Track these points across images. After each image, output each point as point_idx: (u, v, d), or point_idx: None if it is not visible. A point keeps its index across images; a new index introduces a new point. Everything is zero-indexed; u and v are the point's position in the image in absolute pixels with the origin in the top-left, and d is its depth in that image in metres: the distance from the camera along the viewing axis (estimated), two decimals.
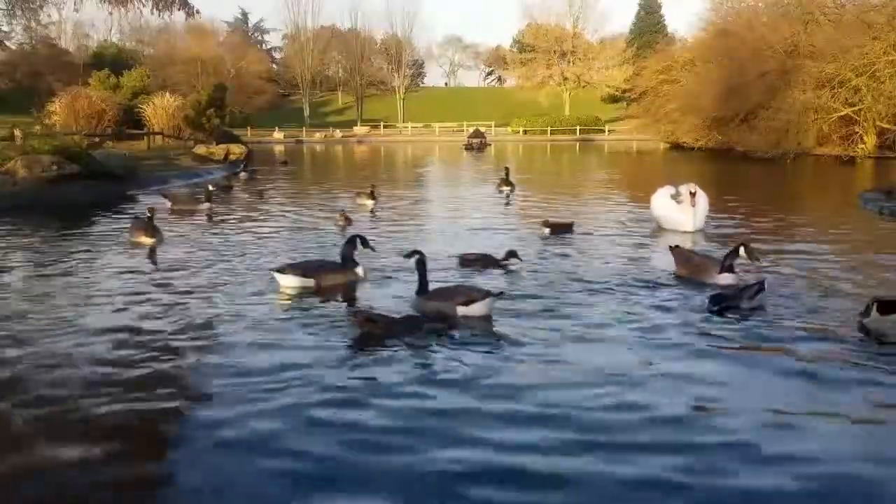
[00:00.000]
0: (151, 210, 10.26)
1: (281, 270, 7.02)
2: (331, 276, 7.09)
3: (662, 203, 10.76)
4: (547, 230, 10.09)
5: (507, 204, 14.76)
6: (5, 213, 12.90)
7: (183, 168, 24.03)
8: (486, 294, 5.80)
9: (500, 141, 62.12)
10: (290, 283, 6.91)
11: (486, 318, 5.75)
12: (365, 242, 7.33)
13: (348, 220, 11.25)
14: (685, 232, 10.18)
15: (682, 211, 10.40)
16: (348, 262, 7.23)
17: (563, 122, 72.63)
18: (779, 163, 28.33)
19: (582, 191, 19.36)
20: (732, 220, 11.86)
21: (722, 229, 10.75)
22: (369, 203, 13.81)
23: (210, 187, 14.41)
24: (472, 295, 5.83)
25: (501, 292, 6.03)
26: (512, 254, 7.81)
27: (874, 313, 5.30)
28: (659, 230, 10.64)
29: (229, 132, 33.03)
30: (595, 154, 42.76)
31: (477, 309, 5.73)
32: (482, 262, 7.88)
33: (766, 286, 6.25)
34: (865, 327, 5.38)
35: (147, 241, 9.68)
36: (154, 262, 8.53)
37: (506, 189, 16.33)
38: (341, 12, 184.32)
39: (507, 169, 17.46)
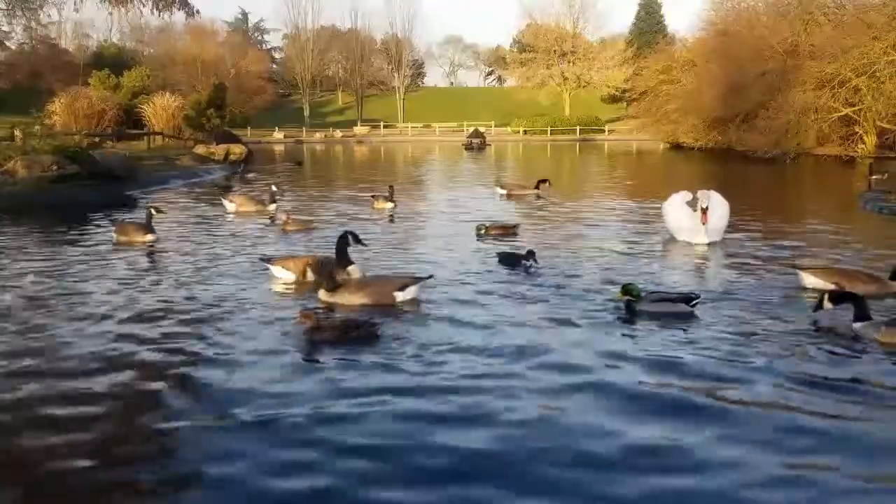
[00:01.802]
0: (157, 208, 10.36)
1: (268, 260, 7.45)
2: (317, 273, 7.06)
3: (676, 211, 9.68)
4: (482, 230, 10.15)
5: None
6: (5, 212, 12.91)
7: (183, 168, 24.02)
8: (416, 280, 6.48)
9: (500, 141, 62.14)
10: (279, 274, 7.25)
11: (416, 302, 6.31)
12: (357, 239, 7.32)
13: (301, 224, 10.86)
14: (698, 245, 9.26)
15: (695, 221, 9.34)
16: (342, 259, 7.22)
17: (563, 122, 72.59)
18: (779, 163, 28.33)
19: (591, 191, 19.33)
20: (731, 220, 11.82)
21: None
22: (388, 206, 13.41)
23: (273, 188, 13.97)
24: (405, 281, 6.45)
25: (430, 276, 6.71)
26: (531, 253, 7.87)
27: (826, 304, 5.54)
28: (672, 241, 9.66)
29: (229, 132, 33.05)
30: (596, 154, 42.75)
31: (412, 293, 6.33)
32: (515, 258, 8.01)
33: (689, 302, 5.91)
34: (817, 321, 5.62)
35: (148, 238, 9.74)
36: (153, 261, 8.55)
37: (528, 193, 15.91)
38: (341, 12, 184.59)
39: (546, 181, 16.51)
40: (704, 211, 9.20)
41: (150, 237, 9.78)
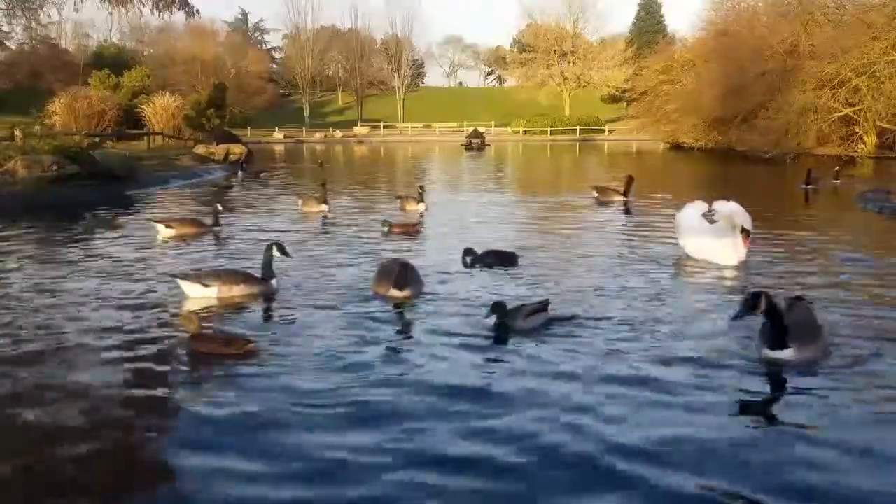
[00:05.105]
0: (217, 208, 11.03)
1: (185, 277, 6.69)
2: (236, 287, 6.59)
3: (692, 226, 8.17)
4: (385, 228, 10.31)
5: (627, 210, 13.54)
6: (5, 212, 12.90)
7: (183, 168, 24.02)
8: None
9: (500, 141, 62.12)
10: (191, 291, 6.57)
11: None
12: (282, 250, 6.81)
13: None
14: (725, 265, 7.80)
15: (717, 236, 7.88)
16: (265, 273, 6.77)
17: (563, 122, 72.50)
18: (779, 163, 28.29)
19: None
20: None
21: None
22: (421, 207, 12.81)
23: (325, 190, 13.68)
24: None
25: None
26: (467, 251, 7.97)
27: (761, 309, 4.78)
28: (687, 260, 8.19)
29: (229, 132, 33.04)
30: (596, 154, 42.72)
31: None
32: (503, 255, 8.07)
33: (548, 308, 5.61)
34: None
35: (215, 230, 10.57)
36: (153, 260, 8.55)
37: (617, 199, 14.32)
38: (341, 12, 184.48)
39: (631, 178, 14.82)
40: (748, 235, 7.68)
41: (217, 229, 10.63)
